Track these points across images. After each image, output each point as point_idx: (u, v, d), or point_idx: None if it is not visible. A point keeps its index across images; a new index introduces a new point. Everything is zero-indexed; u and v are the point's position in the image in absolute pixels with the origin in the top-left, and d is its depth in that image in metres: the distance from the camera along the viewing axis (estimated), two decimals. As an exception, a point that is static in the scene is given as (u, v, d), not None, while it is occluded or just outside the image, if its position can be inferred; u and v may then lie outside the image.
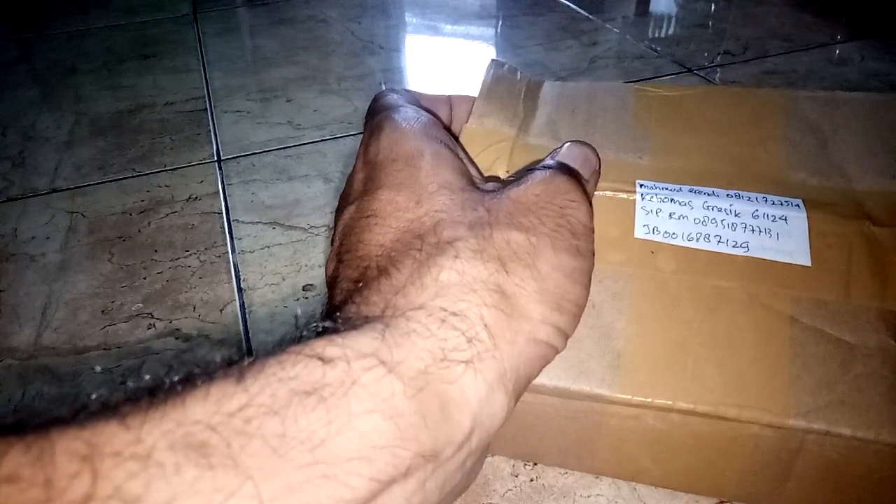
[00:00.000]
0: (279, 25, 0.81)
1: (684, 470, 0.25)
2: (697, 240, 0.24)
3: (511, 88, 0.30)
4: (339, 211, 0.23)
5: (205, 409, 0.13)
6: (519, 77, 0.31)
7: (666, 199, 0.25)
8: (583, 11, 0.80)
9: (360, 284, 0.18)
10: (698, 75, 0.63)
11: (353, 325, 0.16)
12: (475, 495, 0.27)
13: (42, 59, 0.74)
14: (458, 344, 0.17)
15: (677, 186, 0.26)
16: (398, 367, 0.15)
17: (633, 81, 0.62)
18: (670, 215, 0.25)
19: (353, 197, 0.22)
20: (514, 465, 0.28)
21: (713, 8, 0.81)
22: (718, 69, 0.65)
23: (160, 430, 0.12)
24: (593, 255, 0.21)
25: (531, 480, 0.28)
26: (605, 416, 0.24)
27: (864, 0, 0.77)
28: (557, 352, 0.19)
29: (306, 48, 0.74)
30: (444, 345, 0.16)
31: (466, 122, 0.28)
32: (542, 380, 0.23)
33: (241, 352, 0.15)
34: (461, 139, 0.27)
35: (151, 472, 0.12)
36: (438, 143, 0.22)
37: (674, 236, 0.24)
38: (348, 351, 0.15)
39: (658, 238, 0.24)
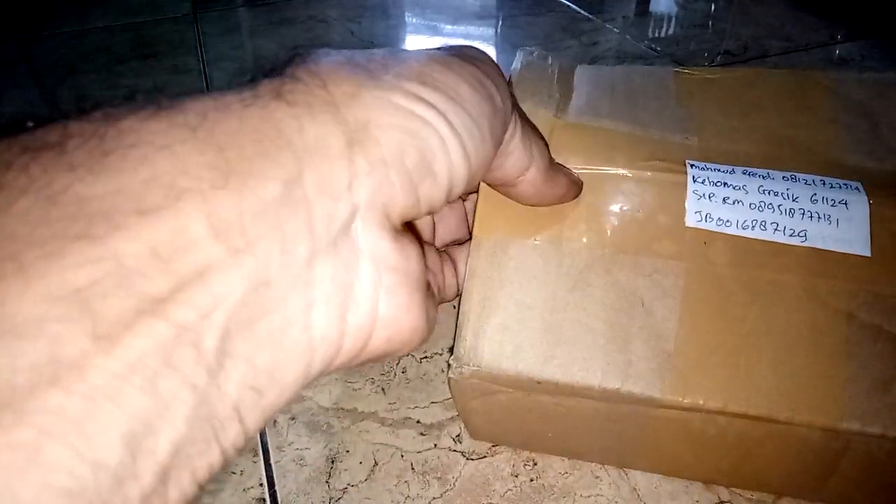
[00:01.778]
0: (279, 25, 0.81)
1: (728, 468, 0.25)
2: (753, 228, 0.23)
3: (543, 73, 0.29)
4: None
5: None
6: (550, 61, 0.30)
7: (719, 183, 0.23)
8: (583, 11, 0.80)
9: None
10: (698, 75, 0.63)
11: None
12: (475, 495, 0.27)
13: (42, 59, 0.74)
14: (275, 84, 0.15)
15: (730, 168, 0.24)
16: (177, 108, 0.14)
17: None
18: (724, 200, 0.23)
19: None
20: (514, 465, 0.28)
21: (713, 8, 0.81)
22: (718, 69, 0.65)
23: None
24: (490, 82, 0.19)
25: (531, 480, 0.28)
26: (651, 418, 0.23)
27: (864, 0, 0.77)
28: (438, 134, 0.16)
29: (307, 48, 0.74)
30: (256, 89, 0.15)
31: None
32: (591, 381, 0.22)
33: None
34: None
35: None
36: None
37: (728, 224, 0.23)
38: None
39: (711, 226, 0.23)
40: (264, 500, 0.28)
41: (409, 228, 0.18)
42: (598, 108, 0.27)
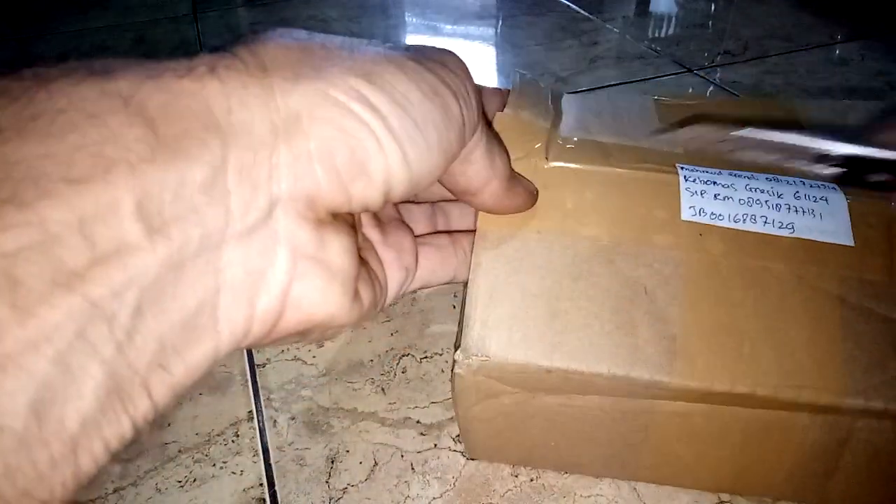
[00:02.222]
0: (279, 25, 0.81)
1: (732, 470, 0.25)
2: (744, 221, 0.24)
3: (538, 93, 0.31)
4: None
5: None
6: (543, 85, 0.32)
7: (709, 182, 0.25)
8: (583, 11, 0.80)
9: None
10: (698, 75, 0.63)
11: None
12: (475, 495, 0.27)
13: (42, 59, 0.74)
14: (213, 59, 0.15)
15: (717, 170, 0.26)
16: (109, 76, 0.14)
17: (636, 81, 0.63)
18: (715, 196, 0.24)
19: None
20: (514, 465, 0.28)
21: (713, 8, 0.81)
22: (718, 69, 0.65)
23: None
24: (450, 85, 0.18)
25: (531, 480, 0.28)
26: (655, 414, 0.24)
27: (864, 0, 0.77)
28: (375, 136, 0.16)
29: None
30: (192, 61, 0.15)
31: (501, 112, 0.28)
32: (599, 368, 0.23)
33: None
34: (495, 123, 0.27)
35: None
36: None
37: (721, 218, 0.24)
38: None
39: (705, 220, 0.24)
40: (264, 500, 0.28)
41: (342, 218, 0.18)
42: (587, 126, 0.29)
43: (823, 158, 0.25)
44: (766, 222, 0.24)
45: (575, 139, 0.27)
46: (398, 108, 0.16)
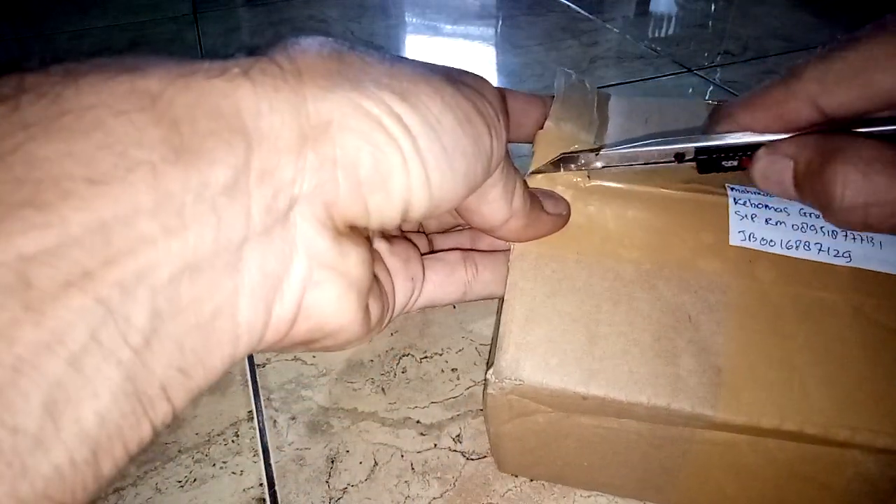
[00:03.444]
0: (279, 25, 0.81)
1: (775, 502, 0.24)
2: (797, 248, 0.23)
3: (584, 97, 0.29)
4: None
5: None
6: (589, 87, 0.30)
7: (760, 205, 0.24)
8: (583, 11, 0.80)
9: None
10: (698, 75, 0.63)
11: None
12: (475, 495, 0.27)
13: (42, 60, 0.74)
14: (249, 62, 0.15)
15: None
16: (145, 71, 0.13)
17: (636, 81, 0.63)
18: (766, 221, 0.23)
19: None
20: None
21: (713, 8, 0.81)
22: (718, 69, 0.65)
23: None
24: (481, 111, 0.18)
25: (531, 480, 0.28)
26: (695, 443, 0.23)
27: (864, 0, 0.77)
28: (402, 154, 0.16)
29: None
30: (227, 63, 0.15)
31: (541, 126, 0.27)
32: (639, 397, 0.21)
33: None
34: (538, 138, 0.26)
35: None
36: None
37: (772, 244, 0.23)
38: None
39: (755, 245, 0.23)
40: (264, 500, 0.28)
41: (359, 231, 0.18)
42: (632, 137, 0.28)
43: (681, 156, 0.23)
44: (820, 250, 0.23)
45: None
46: (430, 131, 0.16)
